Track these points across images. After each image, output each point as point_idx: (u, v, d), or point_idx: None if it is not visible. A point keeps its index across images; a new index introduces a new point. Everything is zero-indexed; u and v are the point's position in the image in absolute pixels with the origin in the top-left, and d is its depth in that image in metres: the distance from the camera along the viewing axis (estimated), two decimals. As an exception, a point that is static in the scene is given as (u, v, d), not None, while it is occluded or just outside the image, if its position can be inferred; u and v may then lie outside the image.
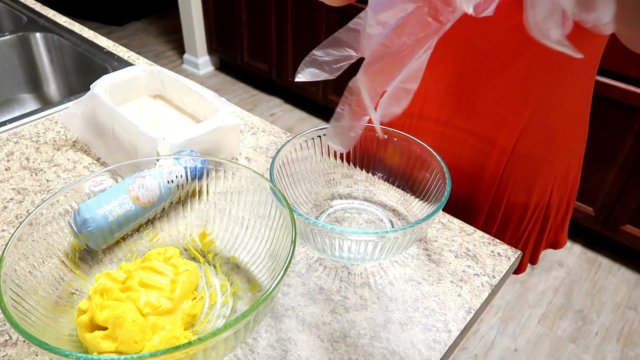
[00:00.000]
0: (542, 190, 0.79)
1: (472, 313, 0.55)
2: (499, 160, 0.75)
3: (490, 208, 0.79)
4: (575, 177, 0.83)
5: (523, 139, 0.73)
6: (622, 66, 1.45)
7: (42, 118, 0.86)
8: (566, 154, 0.77)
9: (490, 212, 0.80)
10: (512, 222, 0.81)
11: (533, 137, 0.73)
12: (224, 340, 0.41)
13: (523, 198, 0.78)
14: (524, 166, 0.75)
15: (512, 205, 0.79)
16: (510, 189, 0.77)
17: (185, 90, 0.79)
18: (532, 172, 0.76)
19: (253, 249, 0.56)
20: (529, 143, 0.73)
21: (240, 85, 2.89)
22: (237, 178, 0.57)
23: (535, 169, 0.76)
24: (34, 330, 0.42)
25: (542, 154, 0.75)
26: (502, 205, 0.79)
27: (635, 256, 1.83)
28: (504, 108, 0.71)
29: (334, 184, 0.72)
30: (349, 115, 0.38)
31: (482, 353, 1.53)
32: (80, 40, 1.10)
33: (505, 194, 0.78)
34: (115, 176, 0.57)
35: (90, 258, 0.55)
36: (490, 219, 0.81)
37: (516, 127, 0.72)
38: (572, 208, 0.88)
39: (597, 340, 1.56)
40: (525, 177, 0.76)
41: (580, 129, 0.77)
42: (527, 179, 0.77)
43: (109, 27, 3.51)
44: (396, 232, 0.52)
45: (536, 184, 0.77)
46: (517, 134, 0.72)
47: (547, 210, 0.82)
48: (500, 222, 0.81)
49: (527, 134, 0.72)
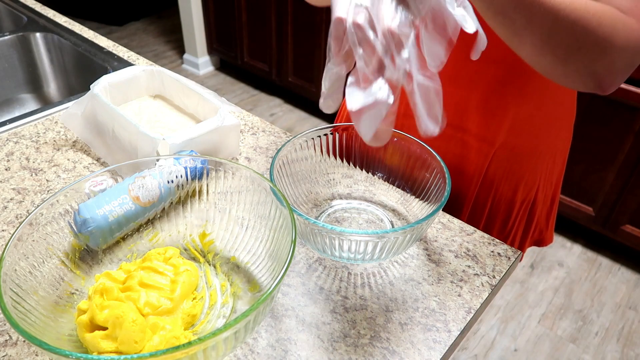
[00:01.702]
0: (528, 186, 0.79)
1: (472, 313, 0.55)
2: (485, 155, 0.75)
3: (477, 203, 0.80)
4: (559, 175, 0.84)
5: (508, 135, 0.74)
6: (622, 66, 1.45)
7: (42, 118, 0.86)
8: (552, 152, 0.78)
9: (476, 208, 0.80)
10: (499, 218, 0.82)
11: (519, 133, 0.74)
12: (224, 340, 0.41)
13: (510, 194, 0.79)
14: (510, 162, 0.76)
15: (499, 200, 0.79)
16: (497, 184, 0.78)
17: (185, 90, 0.79)
18: (519, 167, 0.77)
19: (253, 249, 0.56)
20: (515, 139, 0.74)
21: (240, 85, 2.89)
22: (237, 178, 0.57)
23: (521, 165, 0.77)
24: (34, 330, 0.42)
25: (528, 151, 0.76)
26: (489, 200, 0.79)
27: (635, 256, 1.83)
28: (487, 108, 0.72)
29: (334, 184, 0.72)
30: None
31: (482, 353, 1.53)
32: (80, 40, 1.10)
33: (492, 189, 0.78)
34: (115, 176, 0.57)
35: (90, 258, 0.55)
36: (477, 215, 0.81)
37: (501, 124, 0.73)
38: (556, 205, 0.89)
39: (597, 340, 1.56)
40: (512, 172, 0.77)
41: (565, 129, 0.78)
42: (514, 175, 0.77)
43: (109, 27, 3.51)
44: (396, 232, 0.52)
45: (522, 180, 0.78)
46: (502, 130, 0.73)
47: (533, 207, 0.83)
48: (487, 217, 0.81)
49: (512, 130, 0.73)
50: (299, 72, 2.47)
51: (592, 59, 0.52)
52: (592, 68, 0.53)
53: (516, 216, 0.82)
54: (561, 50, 0.52)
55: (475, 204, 0.80)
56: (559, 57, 0.53)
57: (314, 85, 2.43)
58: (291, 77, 2.52)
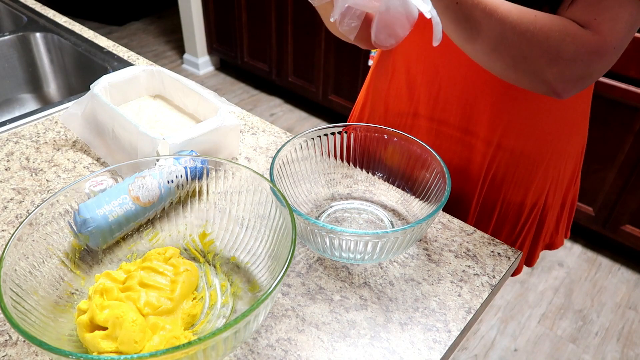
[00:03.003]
0: (538, 191, 0.79)
1: (472, 313, 0.55)
2: (491, 158, 0.75)
3: (485, 207, 0.79)
4: (570, 180, 0.83)
5: (516, 139, 0.73)
6: (622, 66, 1.45)
7: (42, 118, 0.86)
8: (562, 157, 0.77)
9: (485, 211, 0.80)
10: (508, 222, 0.81)
11: (527, 137, 0.73)
12: (224, 340, 0.41)
13: (519, 198, 0.79)
14: (519, 165, 0.75)
15: (507, 204, 0.79)
16: (505, 188, 0.77)
17: (185, 90, 0.79)
18: (527, 172, 0.76)
19: (253, 249, 0.56)
20: (523, 143, 0.73)
21: (240, 85, 2.89)
22: (237, 178, 0.57)
23: (531, 169, 0.76)
24: (34, 330, 0.42)
25: (538, 155, 0.75)
26: (498, 204, 0.79)
27: (635, 256, 1.83)
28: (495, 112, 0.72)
29: (334, 184, 0.72)
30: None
31: (482, 353, 1.53)
32: (80, 40, 1.10)
33: (500, 193, 0.78)
34: (115, 176, 0.57)
35: (90, 258, 0.55)
36: (485, 218, 0.81)
37: (508, 127, 0.72)
38: (568, 210, 0.88)
39: (597, 340, 1.56)
40: (520, 176, 0.76)
41: (578, 135, 0.77)
42: (522, 179, 0.77)
43: (109, 27, 3.51)
44: (396, 232, 0.53)
45: (532, 184, 0.77)
46: (510, 133, 0.72)
47: (544, 212, 0.82)
48: (496, 221, 0.81)
49: (520, 134, 0.72)
50: (299, 72, 2.47)
51: (539, 68, 0.56)
52: (541, 76, 0.57)
53: (526, 220, 0.82)
54: (508, 59, 0.57)
55: (483, 207, 0.80)
56: (507, 64, 0.57)
57: (314, 85, 2.43)
58: (291, 77, 2.52)
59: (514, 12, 0.54)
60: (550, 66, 0.55)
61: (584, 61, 0.54)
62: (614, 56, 0.55)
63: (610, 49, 0.54)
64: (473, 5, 0.53)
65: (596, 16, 0.53)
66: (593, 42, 0.53)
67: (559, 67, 0.55)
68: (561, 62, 0.55)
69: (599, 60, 0.55)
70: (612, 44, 0.54)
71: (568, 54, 0.54)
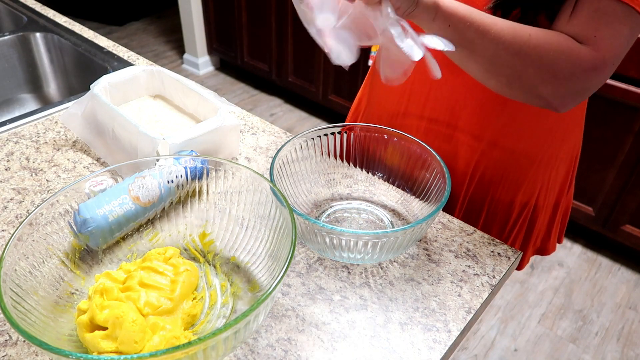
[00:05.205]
0: (528, 192, 0.79)
1: (472, 313, 0.55)
2: (474, 152, 0.75)
3: (473, 204, 0.80)
4: (563, 184, 0.83)
5: (503, 136, 0.73)
6: (622, 66, 1.44)
7: (42, 118, 0.86)
8: (554, 161, 0.77)
9: (473, 209, 0.80)
10: (497, 221, 0.81)
11: (517, 137, 0.73)
12: (224, 340, 0.41)
13: (509, 197, 0.79)
14: (508, 165, 0.75)
15: (497, 203, 0.79)
16: (494, 186, 0.78)
17: (185, 90, 0.79)
18: (517, 172, 0.76)
19: (253, 249, 0.56)
20: (512, 142, 0.73)
21: (240, 85, 2.89)
22: (237, 178, 0.57)
23: (520, 169, 0.76)
24: (34, 330, 0.42)
25: (527, 156, 0.75)
26: (487, 202, 0.79)
27: (635, 256, 1.83)
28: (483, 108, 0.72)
29: (334, 184, 0.72)
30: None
31: (482, 353, 1.53)
32: (80, 40, 1.10)
33: (489, 191, 0.78)
34: (115, 176, 0.57)
35: (90, 258, 0.55)
36: (474, 215, 0.81)
37: (494, 122, 0.72)
38: (561, 214, 0.88)
39: (597, 340, 1.56)
40: (510, 176, 0.76)
41: (571, 140, 0.78)
42: (512, 178, 0.77)
43: (109, 27, 3.50)
44: (396, 232, 0.53)
45: (522, 185, 0.77)
46: (494, 128, 0.72)
47: (534, 213, 0.82)
48: (485, 219, 0.81)
49: (508, 132, 0.73)
50: (299, 72, 2.47)
51: (534, 86, 0.56)
52: (537, 93, 0.57)
53: (516, 220, 0.82)
54: (503, 78, 0.57)
55: (471, 204, 0.80)
56: (502, 82, 0.58)
57: (314, 85, 2.43)
58: (291, 77, 2.52)
59: (507, 31, 0.54)
60: (545, 84, 0.55)
61: (580, 78, 0.55)
62: (611, 70, 0.55)
63: (609, 65, 0.54)
64: (466, 27, 0.53)
65: (596, 32, 0.53)
66: (589, 59, 0.53)
67: (553, 85, 0.55)
68: (555, 80, 0.55)
69: (596, 76, 0.55)
70: (610, 61, 0.54)
71: (563, 72, 0.54)
